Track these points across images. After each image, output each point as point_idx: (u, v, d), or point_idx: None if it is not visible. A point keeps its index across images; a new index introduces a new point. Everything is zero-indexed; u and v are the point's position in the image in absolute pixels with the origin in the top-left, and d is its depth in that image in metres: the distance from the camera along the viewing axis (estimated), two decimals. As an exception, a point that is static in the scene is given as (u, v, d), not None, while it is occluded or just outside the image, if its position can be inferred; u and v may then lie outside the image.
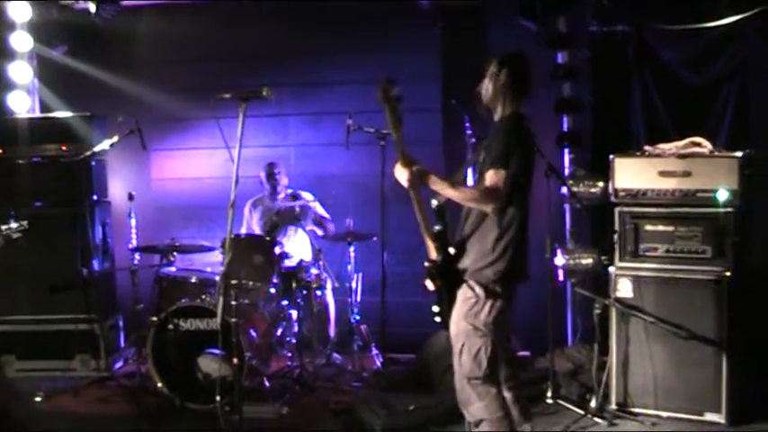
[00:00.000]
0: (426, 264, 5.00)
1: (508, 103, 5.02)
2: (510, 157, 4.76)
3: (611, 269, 6.71)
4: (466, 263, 4.93)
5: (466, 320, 4.91)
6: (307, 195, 8.39)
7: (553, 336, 7.23)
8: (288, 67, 8.93)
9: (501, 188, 4.72)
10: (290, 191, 8.48)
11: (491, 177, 4.73)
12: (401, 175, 4.98)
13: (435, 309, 5.09)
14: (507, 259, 4.87)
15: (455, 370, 5.04)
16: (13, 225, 6.30)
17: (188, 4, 9.16)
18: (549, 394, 6.92)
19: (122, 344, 8.86)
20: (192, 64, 9.08)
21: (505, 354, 5.14)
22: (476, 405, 4.95)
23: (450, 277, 4.96)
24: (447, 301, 5.01)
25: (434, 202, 5.01)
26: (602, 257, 6.96)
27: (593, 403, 6.61)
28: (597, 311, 6.59)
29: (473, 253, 4.91)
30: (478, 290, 4.88)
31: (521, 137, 4.93)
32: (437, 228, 4.97)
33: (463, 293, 4.94)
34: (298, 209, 8.14)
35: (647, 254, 6.62)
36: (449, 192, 4.93)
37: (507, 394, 5.13)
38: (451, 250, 4.98)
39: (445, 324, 5.08)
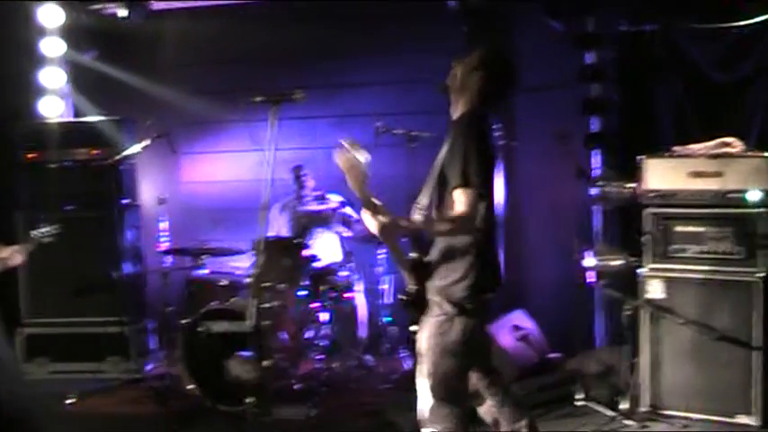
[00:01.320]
0: (400, 296, 4.76)
1: (471, 101, 4.68)
2: (471, 170, 4.42)
3: (641, 270, 6.67)
4: (434, 281, 4.64)
5: (434, 339, 4.60)
6: (335, 197, 8.40)
7: (583, 337, 7.21)
8: (315, 69, 8.94)
9: (473, 211, 4.42)
10: (317, 193, 8.49)
11: (461, 202, 4.42)
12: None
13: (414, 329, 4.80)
14: (476, 274, 4.56)
15: (422, 387, 4.72)
16: (45, 229, 6.35)
17: (215, 6, 9.21)
18: (578, 396, 6.90)
19: (153, 346, 8.90)
20: (220, 67, 9.12)
21: (486, 370, 4.90)
22: (436, 425, 4.79)
23: (425, 305, 4.69)
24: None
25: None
26: (632, 259, 6.91)
27: (623, 405, 6.57)
28: (627, 313, 6.55)
29: (441, 270, 4.61)
30: (447, 307, 4.56)
31: (479, 142, 4.54)
32: (412, 256, 4.69)
33: (432, 311, 4.63)
34: (325, 211, 8.15)
35: (678, 255, 6.57)
36: (424, 229, 4.66)
37: (490, 402, 4.95)
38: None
39: None
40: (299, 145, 9.04)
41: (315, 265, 7.86)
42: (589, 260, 7.39)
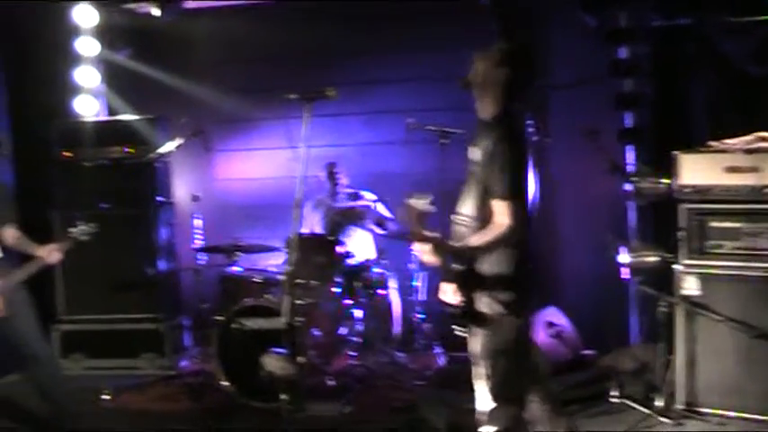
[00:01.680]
0: (451, 312, 4.66)
1: (499, 99, 4.65)
2: (512, 179, 4.44)
3: (677, 267, 6.62)
4: (482, 282, 4.62)
5: (487, 341, 4.63)
6: (367, 195, 8.40)
7: (617, 334, 7.17)
8: (347, 66, 8.93)
9: (517, 221, 4.43)
10: (350, 190, 8.50)
11: (505, 214, 4.42)
12: (422, 253, 4.59)
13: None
14: (522, 273, 4.60)
15: (479, 389, 4.79)
16: (83, 227, 6.40)
17: (247, 5, 9.23)
18: (613, 393, 6.87)
19: (187, 343, 8.95)
20: (253, 65, 9.14)
21: (532, 367, 4.90)
22: (495, 425, 4.79)
23: (476, 313, 4.68)
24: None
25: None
26: (667, 255, 6.86)
27: (658, 402, 6.53)
28: (662, 309, 6.51)
29: (488, 273, 4.59)
30: (496, 308, 4.58)
31: (516, 146, 4.56)
32: (456, 267, 4.62)
33: (484, 315, 4.62)
34: (359, 208, 8.16)
35: (714, 251, 6.51)
36: (472, 246, 4.56)
37: (534, 401, 4.95)
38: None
39: None
40: (332, 142, 9.04)
41: (348, 261, 7.88)
42: (624, 256, 7.34)
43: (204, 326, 7.81)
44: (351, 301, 7.78)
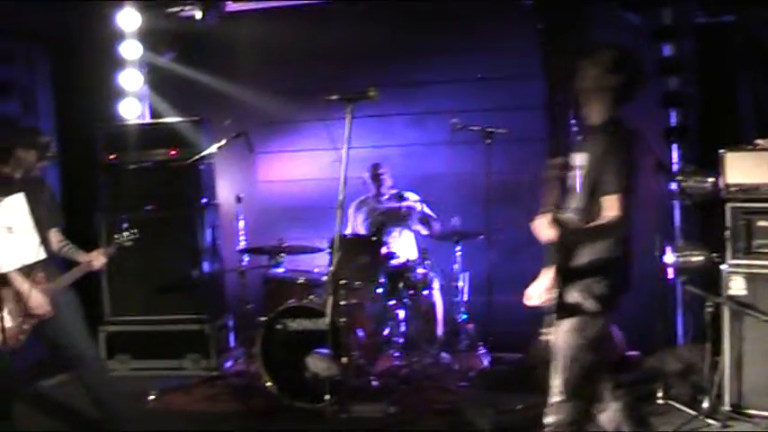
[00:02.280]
0: (549, 299, 4.72)
1: (610, 104, 4.73)
2: (623, 177, 4.53)
3: (723, 267, 6.55)
4: (578, 275, 4.71)
5: (573, 336, 4.69)
6: (412, 195, 8.39)
7: (663, 335, 7.11)
8: (390, 68, 8.92)
9: (627, 214, 4.52)
10: (394, 191, 8.50)
11: (616, 207, 4.51)
12: (540, 226, 4.65)
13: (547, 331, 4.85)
14: (616, 274, 4.69)
15: (554, 383, 4.82)
16: (126, 234, 6.44)
17: (289, 6, 9.25)
18: (659, 394, 6.81)
19: (232, 343, 8.99)
20: (295, 66, 9.15)
21: (609, 368, 4.96)
22: (559, 416, 4.83)
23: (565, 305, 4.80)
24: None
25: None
26: (714, 255, 6.79)
27: (705, 404, 6.46)
28: (709, 310, 6.44)
29: (586, 265, 4.69)
30: (589, 304, 4.65)
31: (629, 147, 4.67)
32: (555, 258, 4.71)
33: (575, 308, 4.69)
34: (403, 209, 8.16)
35: (761, 250, 6.43)
36: (586, 228, 4.67)
37: (615, 404, 4.97)
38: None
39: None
40: (376, 143, 9.05)
41: (392, 262, 7.87)
42: (669, 256, 7.28)
43: (248, 327, 7.83)
44: (394, 302, 7.77)
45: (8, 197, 5.91)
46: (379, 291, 7.67)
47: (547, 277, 4.81)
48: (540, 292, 4.89)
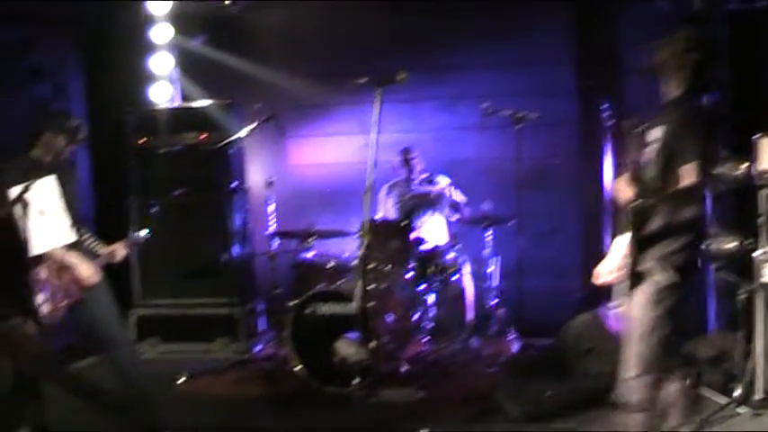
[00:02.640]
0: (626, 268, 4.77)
1: (685, 81, 4.89)
2: (699, 147, 4.64)
3: (757, 254, 6.47)
4: (654, 250, 4.74)
5: (650, 307, 4.74)
6: (442, 179, 8.36)
7: (695, 322, 7.05)
8: (421, 52, 8.87)
9: (703, 182, 4.65)
10: (425, 175, 8.47)
11: (692, 174, 4.60)
12: (619, 185, 4.83)
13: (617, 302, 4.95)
14: (693, 248, 4.78)
15: (626, 354, 4.85)
16: (142, 233, 6.47)
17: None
18: (691, 381, 6.75)
19: (261, 327, 9.00)
20: (326, 50, 9.12)
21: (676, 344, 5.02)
22: (632, 394, 4.83)
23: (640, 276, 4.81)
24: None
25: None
26: (747, 242, 6.71)
27: (737, 391, 6.40)
28: (742, 297, 6.38)
29: (664, 240, 4.73)
30: (667, 275, 4.70)
31: (706, 119, 4.82)
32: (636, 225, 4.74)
33: (652, 278, 4.74)
34: (433, 193, 8.13)
35: (795, 237, 6.37)
36: (665, 196, 4.73)
37: (677, 385, 4.99)
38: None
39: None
40: (407, 127, 9.03)
41: (422, 247, 7.85)
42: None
43: (278, 311, 7.83)
44: (424, 287, 7.75)
45: (39, 180, 5.92)
46: (409, 275, 7.65)
47: (617, 251, 4.89)
48: (611, 268, 4.96)
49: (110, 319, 6.13)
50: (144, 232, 6.48)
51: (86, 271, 5.90)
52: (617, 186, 4.80)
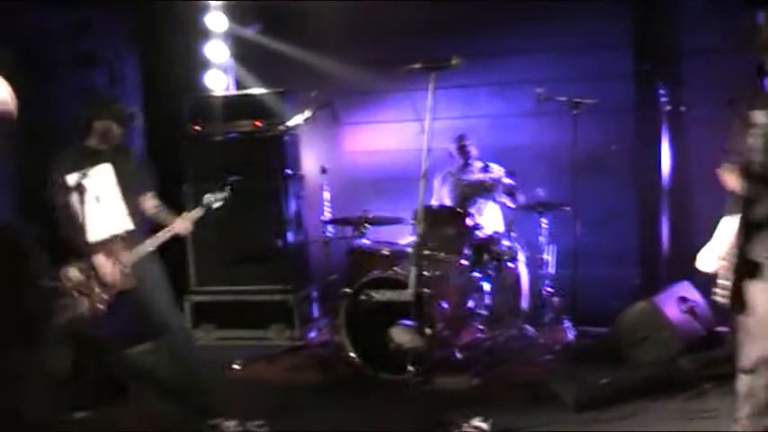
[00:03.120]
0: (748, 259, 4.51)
1: None
2: None
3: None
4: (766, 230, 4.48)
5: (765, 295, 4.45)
6: (496, 167, 8.30)
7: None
8: (476, 37, 8.81)
9: None
10: (480, 163, 8.41)
11: None
12: (730, 181, 4.61)
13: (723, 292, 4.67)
14: None
15: (749, 351, 4.63)
16: (217, 195, 6.45)
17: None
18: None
19: (316, 314, 9.02)
20: (381, 37, 9.09)
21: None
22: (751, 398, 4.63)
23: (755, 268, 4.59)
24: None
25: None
26: None
27: None
28: None
29: None
30: None
31: None
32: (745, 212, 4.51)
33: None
34: (488, 181, 8.08)
35: None
36: None
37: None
38: None
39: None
40: (461, 114, 8.98)
41: (477, 234, 7.81)
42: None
43: (332, 297, 7.84)
44: (479, 274, 7.72)
45: (95, 167, 5.98)
46: (464, 262, 7.62)
47: (722, 236, 4.70)
48: (715, 254, 4.73)
49: (164, 304, 6.18)
50: (221, 195, 6.47)
51: (113, 277, 5.97)
52: (722, 173, 4.60)
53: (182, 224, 6.24)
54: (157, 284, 6.16)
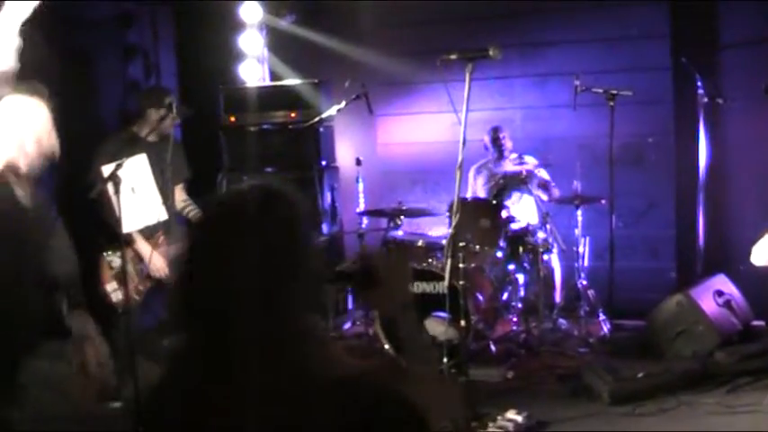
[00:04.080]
0: None
1: None
2: None
3: None
4: None
5: None
6: (530, 160, 8.26)
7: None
8: (512, 27, 8.80)
9: None
10: (515, 155, 8.37)
11: None
12: None
13: None
14: None
15: None
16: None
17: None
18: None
19: (350, 305, 9.03)
20: (416, 27, 9.09)
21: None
22: None
23: None
24: None
25: None
26: None
27: None
28: None
29: None
30: None
31: None
32: None
33: None
34: (523, 173, 8.05)
35: None
36: None
37: None
38: None
39: None
40: (498, 105, 8.95)
41: (512, 226, 7.79)
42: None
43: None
44: (514, 267, 7.72)
45: (131, 158, 6.01)
46: (499, 255, 7.62)
47: None
48: None
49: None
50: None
51: (155, 265, 6.01)
52: None
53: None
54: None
